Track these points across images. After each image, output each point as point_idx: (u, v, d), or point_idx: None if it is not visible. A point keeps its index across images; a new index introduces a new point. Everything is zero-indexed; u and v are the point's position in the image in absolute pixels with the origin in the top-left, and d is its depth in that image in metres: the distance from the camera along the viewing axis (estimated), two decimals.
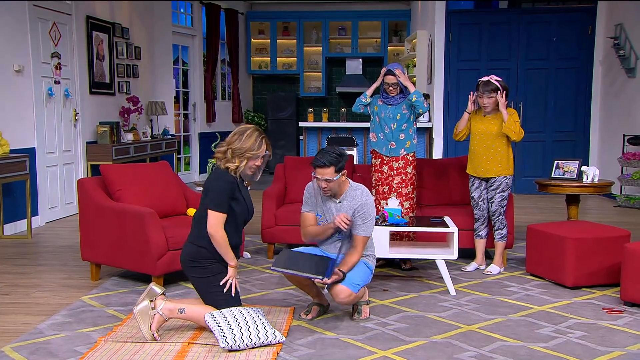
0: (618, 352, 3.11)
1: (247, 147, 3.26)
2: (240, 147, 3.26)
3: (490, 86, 4.47)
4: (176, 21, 9.78)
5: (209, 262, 3.28)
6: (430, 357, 3.04)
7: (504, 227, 4.61)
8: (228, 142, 3.29)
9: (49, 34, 6.59)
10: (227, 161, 3.27)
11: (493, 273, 4.56)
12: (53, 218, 6.73)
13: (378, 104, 4.77)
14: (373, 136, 4.80)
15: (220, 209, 3.22)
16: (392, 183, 4.71)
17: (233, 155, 3.26)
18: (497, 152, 4.52)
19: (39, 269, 4.78)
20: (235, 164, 3.26)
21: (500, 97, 4.45)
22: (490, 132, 4.52)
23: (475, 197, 4.65)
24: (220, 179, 3.26)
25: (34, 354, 3.08)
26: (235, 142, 3.27)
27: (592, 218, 6.58)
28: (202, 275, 3.29)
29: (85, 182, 4.42)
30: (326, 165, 3.42)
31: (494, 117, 4.54)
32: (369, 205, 3.51)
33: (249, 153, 3.27)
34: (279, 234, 4.99)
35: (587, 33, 8.59)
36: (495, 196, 4.56)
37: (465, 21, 8.79)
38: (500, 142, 4.52)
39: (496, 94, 4.46)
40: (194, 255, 3.29)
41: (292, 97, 11.74)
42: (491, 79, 4.49)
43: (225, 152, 3.28)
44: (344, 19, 11.78)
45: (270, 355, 3.02)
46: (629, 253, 3.79)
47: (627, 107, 7.94)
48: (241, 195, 3.32)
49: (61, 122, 6.85)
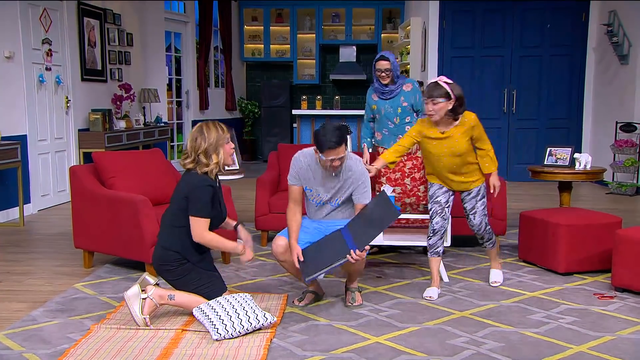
0: (608, 337, 3.14)
1: (215, 138, 3.25)
2: (209, 144, 3.23)
3: (438, 90, 3.60)
4: (168, 8, 9.70)
5: (179, 264, 3.30)
6: (423, 343, 3.06)
7: (492, 234, 3.97)
8: (194, 149, 3.23)
9: (39, 19, 6.52)
10: (204, 165, 3.24)
11: (500, 281, 4.02)
12: (45, 206, 6.70)
13: (374, 101, 4.65)
14: (377, 135, 4.72)
15: (205, 216, 3.23)
16: (404, 169, 4.66)
17: (207, 155, 3.23)
18: (470, 166, 3.79)
19: (31, 256, 4.76)
20: (214, 160, 3.25)
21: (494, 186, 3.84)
22: (458, 152, 3.71)
23: (442, 201, 3.83)
24: (201, 186, 3.22)
25: (27, 340, 3.08)
26: (201, 143, 3.23)
27: (585, 205, 6.62)
28: (175, 277, 3.32)
29: (78, 170, 4.40)
30: (339, 145, 3.38)
31: (455, 132, 3.69)
32: (366, 173, 3.56)
33: (220, 141, 3.26)
34: (273, 221, 4.99)
35: (580, 20, 8.58)
36: (477, 204, 3.83)
37: (459, 8, 8.75)
38: (470, 156, 3.77)
39: (439, 100, 3.59)
40: (164, 259, 3.30)
41: (285, 85, 11.70)
42: (440, 81, 3.65)
43: (195, 160, 3.24)
44: (338, 5, 11.72)
45: (264, 341, 3.03)
46: (620, 239, 3.82)
47: (619, 94, 7.96)
48: (218, 201, 3.33)
49: (53, 110, 6.80)
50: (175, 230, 3.30)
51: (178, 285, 3.34)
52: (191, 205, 3.23)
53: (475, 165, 3.82)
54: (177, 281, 3.33)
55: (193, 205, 3.22)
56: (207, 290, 3.31)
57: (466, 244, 5.00)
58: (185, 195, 3.25)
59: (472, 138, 3.75)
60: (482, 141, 3.78)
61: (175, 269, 3.30)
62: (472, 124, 3.71)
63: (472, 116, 3.74)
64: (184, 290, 3.33)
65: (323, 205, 3.60)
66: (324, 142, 3.34)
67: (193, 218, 3.22)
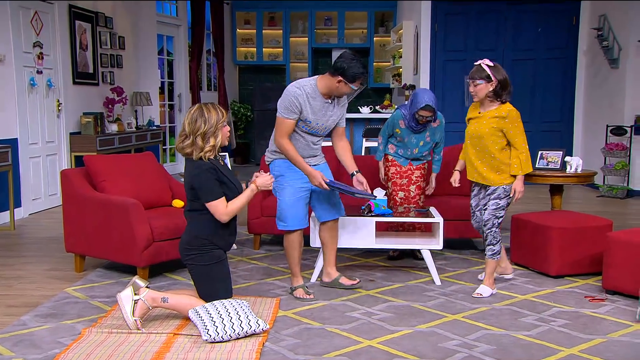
0: (599, 340, 3.15)
1: (215, 120, 3.25)
2: (210, 125, 3.23)
3: (479, 73, 3.75)
4: (161, 11, 9.68)
5: (208, 249, 3.28)
6: (415, 346, 3.06)
7: (497, 242, 3.87)
8: (193, 131, 3.23)
9: (30, 22, 6.49)
10: (201, 149, 3.24)
11: (484, 296, 3.84)
12: (36, 209, 6.67)
13: (401, 127, 4.55)
14: (392, 148, 4.66)
15: (217, 197, 3.23)
16: (411, 176, 4.64)
17: (205, 137, 3.23)
18: (491, 158, 3.81)
19: (22, 260, 4.73)
20: (211, 143, 3.25)
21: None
22: (479, 134, 3.81)
23: (472, 204, 4.05)
24: (200, 171, 3.23)
25: (17, 345, 3.06)
26: (201, 125, 3.22)
27: (576, 208, 6.65)
28: (201, 262, 3.28)
29: (69, 173, 4.38)
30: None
31: (487, 114, 3.81)
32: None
33: (220, 124, 3.27)
34: (266, 225, 4.98)
35: (571, 24, 8.64)
36: (490, 202, 3.86)
37: (451, 11, 8.79)
38: (492, 146, 3.79)
39: (480, 82, 3.74)
40: (192, 243, 3.29)
41: (278, 88, 11.67)
42: (483, 64, 3.78)
43: (194, 143, 3.24)
44: (330, 9, 11.74)
45: (256, 345, 3.03)
46: (611, 242, 3.84)
47: (610, 97, 8.02)
48: (226, 177, 3.31)
49: (44, 113, 6.77)
50: (200, 217, 3.28)
51: (201, 273, 3.29)
52: (201, 194, 3.23)
53: (500, 164, 3.80)
54: (200, 268, 3.28)
55: (202, 194, 3.23)
56: (219, 289, 3.28)
57: (459, 247, 5.01)
58: (191, 186, 3.26)
59: (504, 132, 3.76)
60: (514, 141, 3.77)
61: (205, 253, 3.27)
62: (504, 114, 3.74)
63: (508, 108, 3.77)
64: (200, 281, 3.30)
65: (315, 137, 3.75)
66: (359, 72, 3.56)
67: (209, 204, 3.23)
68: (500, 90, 3.75)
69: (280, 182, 3.76)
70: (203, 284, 3.30)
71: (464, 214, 4.67)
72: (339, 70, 3.59)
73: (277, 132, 3.65)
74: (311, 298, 3.78)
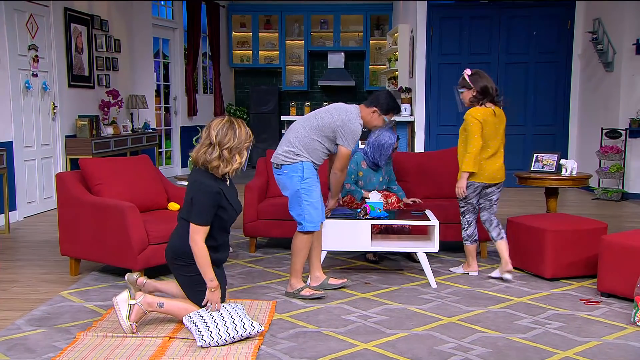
0: (594, 342, 3.16)
1: (244, 138, 3.17)
2: (239, 141, 3.14)
3: (462, 82, 4.18)
4: (156, 14, 9.68)
5: (193, 261, 3.24)
6: (411, 349, 3.06)
7: (463, 228, 4.37)
8: (220, 143, 3.10)
9: (25, 25, 6.48)
10: (227, 163, 3.13)
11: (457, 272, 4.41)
12: (31, 213, 6.64)
13: (363, 168, 4.77)
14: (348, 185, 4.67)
15: (203, 223, 3.13)
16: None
17: (231, 153, 3.13)
18: (459, 151, 4.23)
19: (17, 264, 4.71)
20: (238, 160, 3.16)
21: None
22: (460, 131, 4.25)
23: (474, 202, 4.33)
24: (207, 192, 3.12)
25: (12, 349, 3.04)
26: (231, 139, 3.11)
27: (571, 210, 6.67)
28: (187, 273, 3.26)
29: (64, 177, 4.37)
30: None
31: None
32: None
33: (246, 143, 3.19)
34: (261, 228, 4.98)
35: (566, 28, 8.67)
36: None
37: (446, 15, 8.82)
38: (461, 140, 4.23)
39: (461, 91, 4.17)
40: (180, 253, 3.24)
41: (274, 91, 11.71)
42: (465, 74, 4.17)
43: (221, 156, 3.12)
44: (326, 12, 11.76)
45: (252, 349, 3.02)
46: (606, 245, 3.85)
47: (605, 100, 8.05)
48: (227, 202, 3.23)
49: (39, 116, 6.75)
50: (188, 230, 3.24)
51: (185, 283, 3.27)
52: (193, 209, 3.14)
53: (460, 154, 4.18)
54: (186, 278, 3.26)
55: (194, 211, 3.13)
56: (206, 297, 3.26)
57: (454, 250, 5.02)
58: (191, 196, 3.17)
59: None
60: (467, 139, 4.13)
61: (192, 265, 3.21)
62: (465, 117, 4.14)
63: (471, 110, 4.13)
64: (186, 290, 3.29)
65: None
66: (395, 106, 3.93)
67: (192, 224, 3.13)
68: (480, 96, 4.11)
69: (309, 184, 3.77)
70: (191, 292, 3.29)
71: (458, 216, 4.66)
72: (375, 102, 3.89)
73: (342, 165, 3.87)
74: (323, 294, 3.81)
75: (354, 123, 3.79)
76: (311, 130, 3.80)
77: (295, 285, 3.88)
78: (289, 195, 3.83)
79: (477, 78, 4.11)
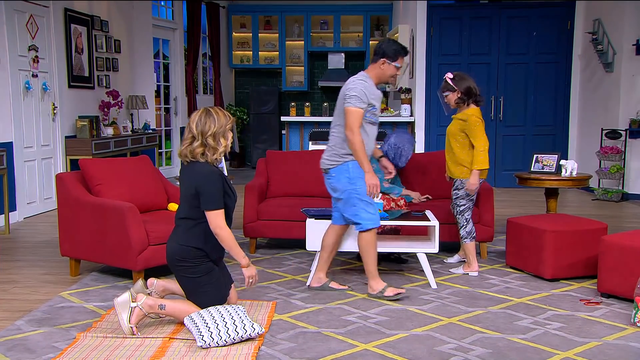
0: (594, 343, 3.16)
1: (223, 121, 3.27)
2: (220, 126, 3.24)
3: (445, 86, 4.32)
4: (156, 14, 9.68)
5: (200, 261, 3.25)
6: (411, 350, 3.06)
7: (461, 226, 4.40)
8: (203, 133, 3.21)
9: (25, 26, 6.48)
10: (214, 149, 3.23)
11: (453, 262, 4.67)
12: (31, 213, 6.64)
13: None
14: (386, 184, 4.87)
15: (220, 206, 3.21)
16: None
17: (216, 138, 3.23)
18: (452, 154, 4.37)
19: (17, 264, 4.71)
20: (223, 143, 3.26)
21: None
22: (448, 132, 4.39)
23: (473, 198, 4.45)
24: (211, 178, 3.20)
25: (12, 350, 3.04)
26: (211, 126, 3.22)
27: (571, 211, 6.67)
28: (191, 274, 3.26)
29: (64, 177, 4.37)
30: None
31: (456, 116, 4.38)
32: None
33: (227, 126, 3.29)
34: (261, 228, 4.98)
35: (566, 28, 8.67)
36: (452, 192, 4.43)
37: (446, 15, 8.82)
38: (455, 143, 4.33)
39: (446, 93, 4.31)
40: (183, 255, 3.25)
41: (274, 91, 11.70)
42: (447, 78, 4.31)
43: (205, 144, 3.22)
44: (326, 12, 11.76)
45: (252, 349, 3.02)
46: (606, 245, 3.85)
47: (605, 101, 8.05)
48: (229, 187, 3.33)
49: (39, 116, 6.75)
50: (196, 227, 3.26)
51: (189, 285, 3.28)
52: (204, 199, 3.20)
53: (458, 159, 4.32)
54: (190, 279, 3.26)
55: (206, 200, 3.19)
56: (210, 299, 3.27)
57: (455, 251, 5.01)
58: (195, 191, 3.21)
59: (466, 133, 4.25)
60: (474, 141, 4.25)
61: (196, 266, 3.24)
62: (465, 118, 4.25)
63: (469, 112, 4.26)
64: (190, 292, 3.29)
65: (375, 128, 3.83)
66: (401, 48, 3.76)
67: (209, 212, 3.20)
68: (465, 97, 4.25)
69: (362, 185, 3.72)
70: (194, 294, 3.29)
71: None
72: (379, 52, 3.79)
73: (351, 123, 3.64)
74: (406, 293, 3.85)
75: (353, 82, 3.74)
76: (338, 126, 3.78)
77: (376, 286, 3.83)
78: (341, 198, 3.78)
79: (460, 79, 4.25)
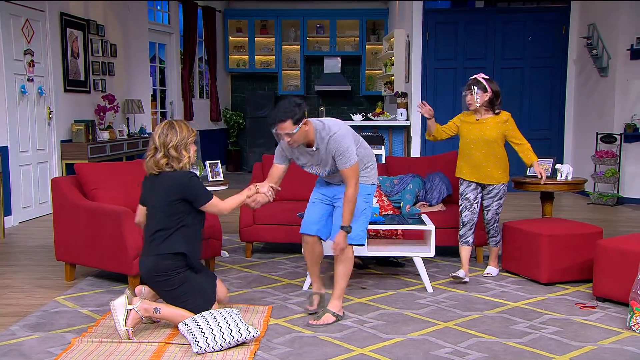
0: (590, 347, 3.17)
1: (186, 135, 3.32)
2: (181, 138, 3.30)
3: (477, 84, 4.28)
4: (152, 18, 9.68)
5: (175, 273, 3.27)
6: (407, 354, 3.06)
7: (498, 233, 4.51)
8: (164, 144, 3.26)
9: (21, 30, 6.47)
10: (175, 160, 3.28)
11: (493, 275, 4.48)
12: (27, 218, 6.62)
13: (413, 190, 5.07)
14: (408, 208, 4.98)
15: (211, 196, 3.33)
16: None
17: (178, 150, 3.28)
18: (497, 159, 4.33)
19: (12, 269, 4.70)
20: (186, 155, 3.31)
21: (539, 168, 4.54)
22: (487, 138, 4.30)
23: (470, 198, 4.39)
24: (189, 177, 3.29)
25: (6, 355, 3.03)
26: (172, 138, 3.28)
27: (566, 215, 6.68)
28: (169, 287, 3.28)
29: (60, 181, 4.36)
30: (283, 120, 3.30)
31: (488, 121, 4.32)
32: (339, 140, 3.39)
33: (190, 138, 3.34)
34: (257, 232, 4.98)
35: (561, 33, 8.71)
36: (493, 204, 4.39)
37: (441, 20, 8.84)
38: (498, 148, 4.34)
39: (477, 91, 4.25)
40: (159, 269, 3.25)
41: (270, 96, 11.71)
42: (479, 77, 4.31)
43: (167, 155, 3.27)
44: (322, 17, 11.78)
45: (248, 354, 3.02)
46: (601, 249, 3.86)
47: (600, 105, 8.08)
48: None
49: (35, 120, 6.74)
50: (174, 235, 3.26)
51: (169, 298, 3.29)
52: (199, 198, 3.28)
53: (502, 161, 4.36)
54: (168, 292, 3.28)
55: (200, 197, 3.29)
56: (193, 307, 3.27)
57: (450, 255, 5.02)
58: (182, 195, 3.25)
59: (506, 135, 4.35)
60: (518, 138, 4.40)
61: (172, 278, 3.25)
62: (505, 118, 4.37)
63: (506, 114, 4.40)
64: (177, 303, 3.29)
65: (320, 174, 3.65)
66: (270, 115, 3.36)
67: (210, 204, 3.29)
68: (495, 100, 4.32)
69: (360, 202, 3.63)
70: (180, 304, 3.29)
71: (456, 221, 4.67)
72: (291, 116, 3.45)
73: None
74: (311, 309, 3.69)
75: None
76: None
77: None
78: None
79: (491, 82, 4.35)
